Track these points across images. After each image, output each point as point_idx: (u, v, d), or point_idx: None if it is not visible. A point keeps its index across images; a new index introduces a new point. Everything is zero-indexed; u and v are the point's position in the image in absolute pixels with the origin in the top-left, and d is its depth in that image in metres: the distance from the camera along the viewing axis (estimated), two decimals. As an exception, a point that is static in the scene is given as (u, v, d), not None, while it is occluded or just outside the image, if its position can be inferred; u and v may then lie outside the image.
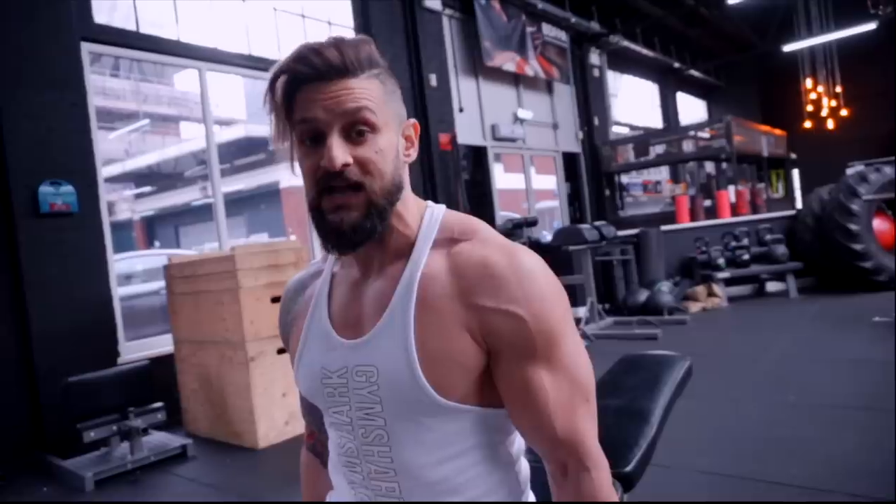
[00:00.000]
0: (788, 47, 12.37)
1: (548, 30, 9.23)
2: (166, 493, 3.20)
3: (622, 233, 7.30)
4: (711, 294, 7.03)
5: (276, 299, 3.79)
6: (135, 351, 4.44)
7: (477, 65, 8.08)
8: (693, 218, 9.07)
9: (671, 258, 7.57)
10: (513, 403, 0.83)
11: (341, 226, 0.80)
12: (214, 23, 5.56)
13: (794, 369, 4.14)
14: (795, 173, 14.11)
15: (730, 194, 9.39)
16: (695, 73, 14.17)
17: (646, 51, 11.55)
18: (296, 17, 6.35)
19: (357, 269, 0.90)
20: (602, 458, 0.83)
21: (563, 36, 9.59)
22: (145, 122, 14.01)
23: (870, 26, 11.24)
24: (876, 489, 2.28)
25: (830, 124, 12.51)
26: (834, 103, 12.52)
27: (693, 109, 15.84)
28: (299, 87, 0.80)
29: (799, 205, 11.36)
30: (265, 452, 3.59)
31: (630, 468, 1.22)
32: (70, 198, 4.09)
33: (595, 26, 9.98)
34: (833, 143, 13.12)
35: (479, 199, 7.86)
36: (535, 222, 7.80)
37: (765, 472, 2.55)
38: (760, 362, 4.38)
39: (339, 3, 6.68)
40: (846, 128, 12.94)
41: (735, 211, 9.22)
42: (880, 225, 6.86)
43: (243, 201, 13.86)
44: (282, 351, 3.78)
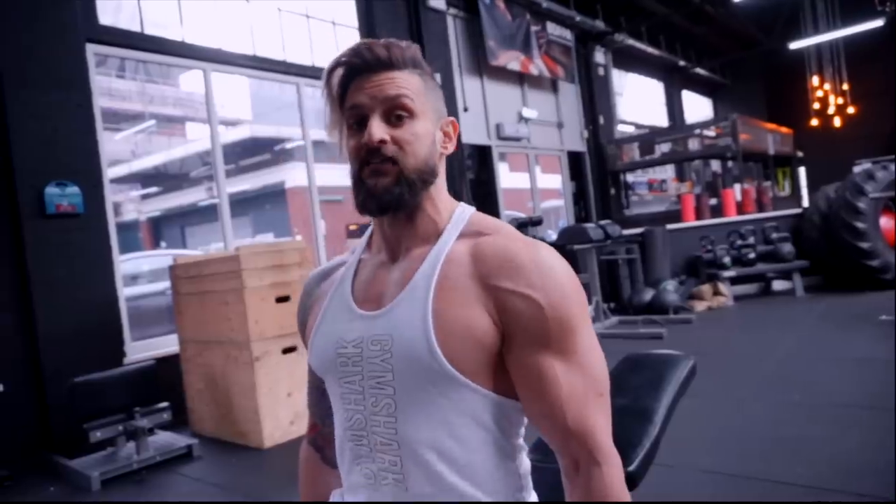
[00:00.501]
0: (795, 45, 12.31)
1: (552, 28, 9.21)
2: (172, 492, 3.21)
3: (627, 232, 7.29)
4: (717, 293, 7.01)
5: (281, 299, 3.80)
6: (141, 351, 4.46)
7: (481, 64, 8.07)
8: (699, 216, 9.04)
9: (676, 257, 7.55)
10: (525, 391, 0.84)
11: (375, 188, 0.87)
12: (219, 23, 5.58)
13: (799, 368, 4.13)
14: (802, 171, 14.05)
15: (736, 193, 9.35)
16: (700, 71, 14.12)
17: (651, 49, 11.52)
18: (300, 17, 6.36)
19: (385, 254, 0.95)
20: (614, 454, 0.83)
21: (567, 35, 9.58)
22: (151, 122, 14.04)
23: (877, 23, 11.18)
24: (881, 489, 2.27)
25: (837, 122, 12.42)
26: (841, 101, 12.44)
27: (699, 107, 15.79)
28: (352, 79, 0.90)
29: (805, 203, 11.31)
30: (270, 452, 3.59)
31: (633, 468, 1.22)
32: (76, 199, 4.11)
33: (600, 25, 9.96)
34: (840, 141, 13.06)
35: (483, 199, 7.86)
36: (540, 221, 7.77)
37: (769, 471, 2.54)
38: (766, 361, 4.36)
39: (344, 4, 6.69)
40: (853, 125, 12.86)
41: (741, 209, 9.19)
42: (887, 223, 6.83)
43: (249, 201, 13.89)
44: (287, 351, 3.79)
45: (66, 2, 4.24)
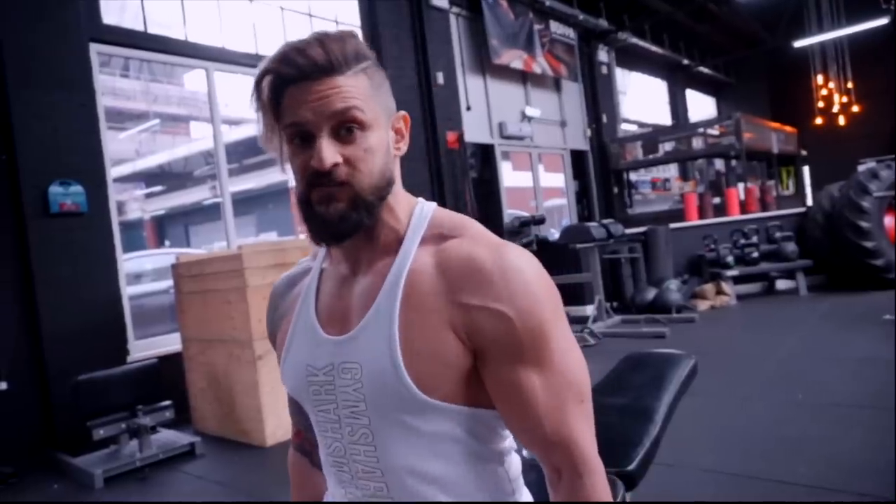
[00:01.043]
0: (799, 43, 12.27)
1: (555, 27, 9.20)
2: (174, 490, 3.22)
3: (630, 230, 7.27)
4: (720, 292, 6.99)
5: (284, 298, 3.80)
6: (144, 349, 4.47)
7: (484, 63, 8.07)
8: (702, 215, 9.02)
9: (680, 256, 7.53)
10: (502, 405, 0.81)
11: (328, 215, 0.79)
12: (222, 23, 5.58)
13: (802, 368, 4.12)
14: (806, 170, 14.00)
15: (739, 192, 9.33)
16: (704, 69, 14.09)
17: (654, 47, 11.48)
18: (303, 16, 6.37)
19: (346, 266, 0.89)
20: (597, 461, 0.81)
21: (570, 33, 9.56)
22: (155, 122, 14.06)
23: (882, 21, 11.14)
24: (883, 489, 2.26)
25: (842, 121, 12.38)
26: (845, 99, 12.40)
27: (702, 106, 15.75)
28: (286, 88, 0.79)
29: (809, 202, 11.27)
30: (273, 450, 3.60)
31: (633, 467, 1.22)
32: (79, 198, 4.13)
33: (603, 23, 9.93)
34: (844, 140, 13.01)
35: (486, 198, 7.86)
36: (542, 220, 7.79)
37: (771, 470, 2.54)
38: (768, 361, 4.35)
39: (346, 2, 6.69)
40: (857, 124, 12.81)
41: (744, 208, 9.17)
42: (891, 222, 6.81)
43: (252, 200, 13.88)
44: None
45: (70, 1, 4.25)
